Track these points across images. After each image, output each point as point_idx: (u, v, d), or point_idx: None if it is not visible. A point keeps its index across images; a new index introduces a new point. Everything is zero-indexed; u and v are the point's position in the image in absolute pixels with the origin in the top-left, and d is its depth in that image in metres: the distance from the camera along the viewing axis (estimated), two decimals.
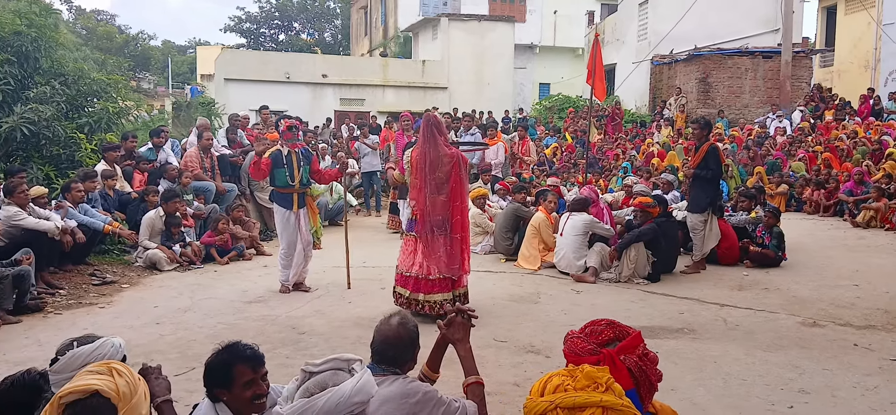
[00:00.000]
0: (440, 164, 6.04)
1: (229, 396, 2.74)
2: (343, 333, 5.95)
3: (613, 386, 2.25)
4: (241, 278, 8.26)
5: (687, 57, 23.32)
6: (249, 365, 2.75)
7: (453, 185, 6.06)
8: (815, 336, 5.82)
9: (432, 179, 6.03)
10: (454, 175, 6.06)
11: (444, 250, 6.09)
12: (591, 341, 2.60)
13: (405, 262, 6.25)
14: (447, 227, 6.07)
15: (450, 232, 6.08)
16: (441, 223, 6.06)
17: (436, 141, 6.07)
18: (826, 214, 13.12)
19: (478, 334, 5.51)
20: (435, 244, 6.07)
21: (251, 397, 2.74)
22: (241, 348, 2.79)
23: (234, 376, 2.72)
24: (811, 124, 19.35)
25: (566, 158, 17.46)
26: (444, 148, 6.09)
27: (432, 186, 6.03)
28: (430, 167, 6.03)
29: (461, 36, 27.91)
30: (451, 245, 6.11)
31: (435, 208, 6.03)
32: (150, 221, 8.84)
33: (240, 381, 2.73)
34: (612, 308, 6.76)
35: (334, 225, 12.57)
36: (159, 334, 5.93)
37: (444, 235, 6.08)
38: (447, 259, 6.10)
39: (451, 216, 6.07)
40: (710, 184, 8.43)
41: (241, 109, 16.12)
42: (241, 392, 2.73)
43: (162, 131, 11.14)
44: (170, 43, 59.49)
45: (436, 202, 6.03)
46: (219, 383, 2.75)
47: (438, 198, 6.04)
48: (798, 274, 8.35)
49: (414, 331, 3.15)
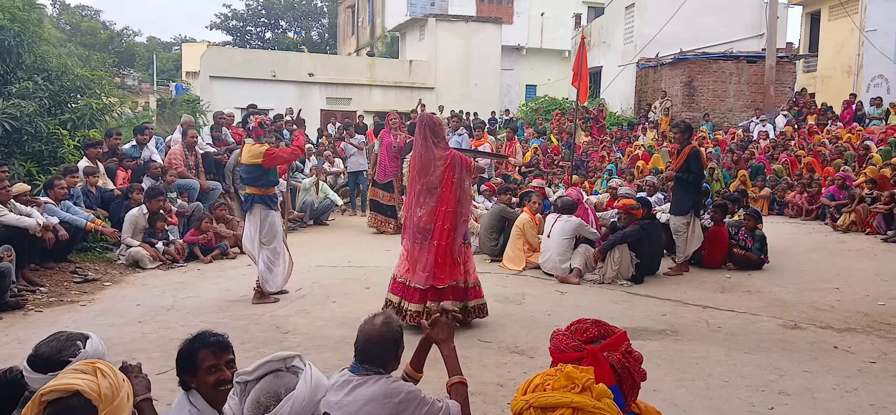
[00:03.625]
0: (432, 167, 5.77)
1: (196, 382, 2.82)
2: (327, 332, 5.94)
3: (592, 387, 2.26)
4: (224, 277, 8.22)
5: (672, 60, 23.47)
6: (212, 350, 2.83)
7: (444, 188, 5.75)
8: (796, 339, 5.88)
9: (422, 182, 5.80)
10: (447, 178, 5.75)
11: (424, 259, 5.80)
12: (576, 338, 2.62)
13: (400, 266, 6.02)
14: (429, 233, 5.78)
15: (430, 238, 5.77)
16: (425, 231, 5.79)
17: (427, 143, 5.80)
18: (808, 218, 13.25)
19: (462, 335, 5.52)
20: (419, 252, 5.83)
21: (214, 382, 2.81)
22: (207, 335, 2.89)
23: (199, 361, 2.81)
24: (794, 129, 19.54)
25: (548, 160, 17.49)
26: (437, 150, 5.80)
27: (423, 190, 5.80)
28: (422, 170, 5.81)
29: (448, 36, 27.93)
30: (429, 253, 5.77)
31: (423, 215, 5.79)
32: (133, 219, 8.77)
33: (203, 366, 2.81)
34: (595, 309, 6.78)
35: (320, 224, 12.55)
36: (142, 332, 5.89)
37: (426, 243, 5.80)
38: (422, 267, 5.78)
39: (434, 222, 5.77)
40: (692, 187, 8.48)
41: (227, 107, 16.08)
42: (204, 377, 2.81)
43: (146, 128, 11.07)
44: (155, 39, 59.12)
45: (425, 207, 5.79)
46: (186, 370, 2.84)
47: (429, 203, 5.79)
48: (780, 277, 8.42)
49: (397, 331, 3.15)
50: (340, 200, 13.66)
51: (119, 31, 52.75)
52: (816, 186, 13.55)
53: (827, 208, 12.80)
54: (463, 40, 28.06)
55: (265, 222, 7.01)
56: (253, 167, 6.90)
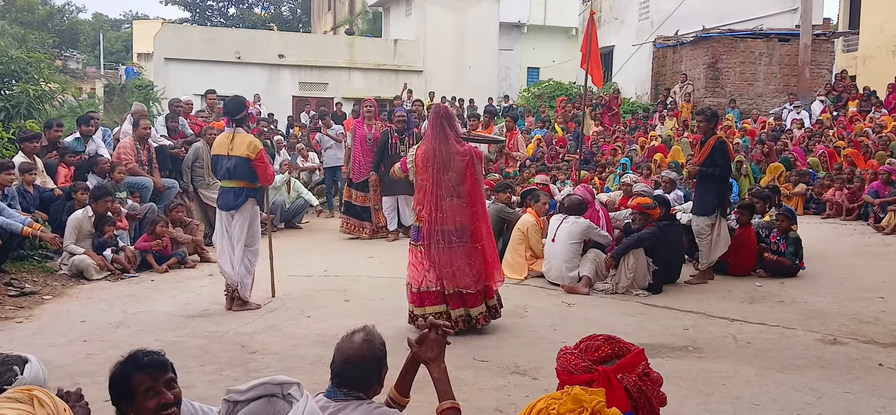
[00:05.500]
0: (452, 163, 6.01)
1: (135, 410, 2.80)
2: (300, 351, 5.92)
3: (603, 411, 2.26)
4: (182, 289, 8.18)
5: (694, 39, 23.55)
6: (147, 372, 2.80)
7: (469, 186, 6.07)
8: (835, 355, 5.90)
9: (445, 180, 6.01)
10: (470, 175, 6.05)
11: (465, 262, 6.10)
12: (586, 357, 2.61)
13: (415, 276, 6.24)
14: (467, 235, 6.11)
15: (470, 241, 6.12)
16: (459, 231, 6.08)
17: (447, 136, 6.04)
18: (849, 218, 13.30)
19: (455, 353, 5.51)
20: (452, 255, 6.07)
21: (155, 407, 2.79)
22: (139, 356, 2.85)
23: (134, 387, 2.78)
24: (833, 116, 19.63)
25: (552, 153, 17.51)
26: (456, 144, 6.06)
27: (445, 189, 6.02)
28: (442, 167, 6.01)
29: (439, 12, 27.92)
30: (473, 255, 6.14)
31: (448, 215, 6.03)
32: (77, 223, 8.72)
33: (140, 391, 2.78)
34: (607, 323, 6.78)
35: (292, 227, 12.52)
36: (87, 352, 5.85)
37: (463, 244, 6.09)
38: (471, 272, 6.13)
39: (469, 222, 6.11)
40: (717, 183, 8.49)
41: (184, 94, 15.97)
42: (143, 403, 2.78)
43: (91, 119, 11.00)
44: (102, 16, 58.72)
45: (451, 207, 6.04)
46: (122, 398, 2.81)
47: (454, 202, 6.04)
48: (817, 285, 8.45)
49: (380, 349, 3.14)
50: (315, 199, 13.62)
51: (60, 7, 52.34)
52: (858, 182, 13.59)
53: (870, 207, 12.85)
54: (455, 16, 28.06)
55: (255, 220, 7.22)
56: (244, 160, 7.01)
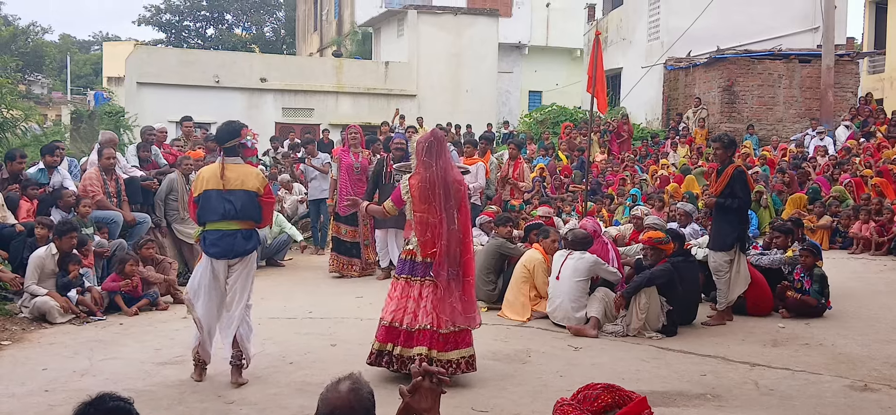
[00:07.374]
0: (453, 191, 6.21)
1: None
2: (281, 401, 5.89)
3: None
4: (153, 333, 8.14)
5: (708, 60, 23.68)
6: None
7: (462, 217, 6.26)
8: (865, 403, 5.88)
9: (450, 208, 6.16)
10: (463, 206, 6.29)
11: (457, 297, 6.19)
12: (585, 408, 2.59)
13: (397, 311, 6.23)
14: (459, 268, 6.23)
15: (461, 274, 6.23)
16: (457, 264, 6.22)
17: (450, 163, 6.27)
18: (878, 253, 13.31)
19: (451, 403, 5.47)
20: (450, 290, 6.16)
21: None
22: (105, 400, 2.82)
23: None
24: (859, 143, 19.71)
25: (556, 183, 17.55)
26: (453, 171, 6.28)
27: (451, 219, 6.16)
28: (446, 195, 6.15)
29: (433, 32, 28.15)
30: (465, 290, 6.25)
31: (454, 245, 6.17)
32: (40, 261, 8.69)
33: None
34: (618, 368, 6.77)
35: (274, 265, 12.47)
36: (48, 404, 5.82)
37: (455, 278, 6.21)
38: (462, 307, 6.20)
39: (461, 255, 6.22)
40: (736, 215, 8.50)
41: (158, 121, 16.09)
42: None
43: (56, 148, 11.00)
44: (69, 38, 59.26)
45: (454, 238, 6.17)
46: None
47: (455, 233, 6.19)
48: (845, 326, 8.44)
49: (368, 399, 3.10)
50: (300, 235, 13.60)
51: (24, 28, 52.74)
52: (888, 214, 13.63)
53: None
54: (451, 37, 28.28)
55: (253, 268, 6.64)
56: (252, 195, 6.43)
